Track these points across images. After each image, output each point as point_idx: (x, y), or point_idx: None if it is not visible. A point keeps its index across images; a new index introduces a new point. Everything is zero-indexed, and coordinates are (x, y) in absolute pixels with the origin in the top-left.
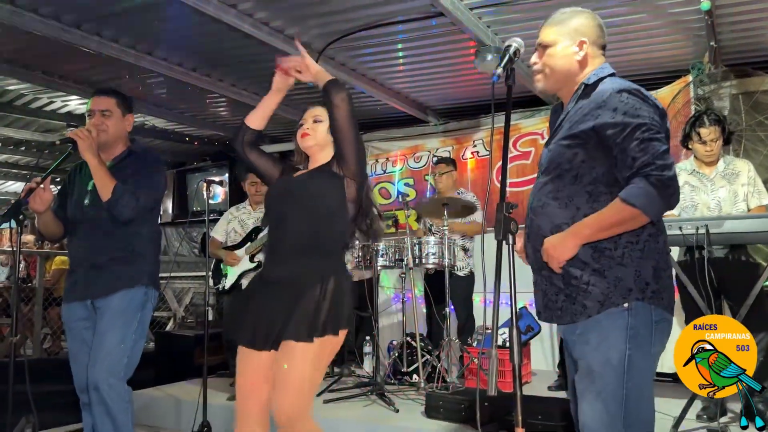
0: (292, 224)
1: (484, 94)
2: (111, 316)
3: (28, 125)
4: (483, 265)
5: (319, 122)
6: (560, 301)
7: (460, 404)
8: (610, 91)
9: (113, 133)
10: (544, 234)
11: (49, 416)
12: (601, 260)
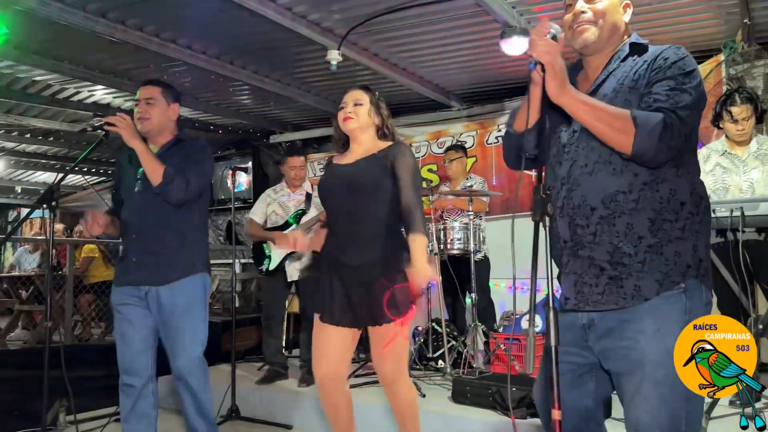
0: (361, 213)
1: (508, 77)
2: (181, 315)
3: (55, 115)
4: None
5: (359, 105)
6: (602, 284)
7: (488, 389)
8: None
9: (157, 122)
10: (591, 205)
11: (81, 401)
12: (659, 234)
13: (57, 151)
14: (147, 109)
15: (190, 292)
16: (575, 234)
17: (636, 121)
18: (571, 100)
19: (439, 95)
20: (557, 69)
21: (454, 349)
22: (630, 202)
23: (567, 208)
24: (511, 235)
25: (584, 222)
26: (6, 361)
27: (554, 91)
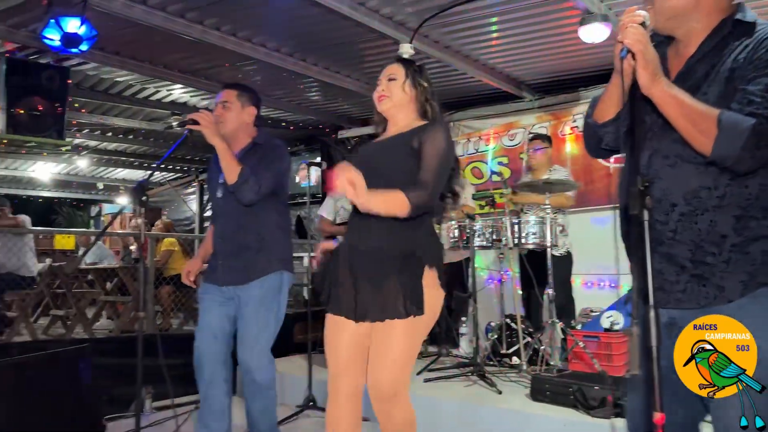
0: None
1: (584, 66)
2: (253, 306)
3: (135, 114)
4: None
5: (393, 80)
6: (683, 281)
7: (569, 387)
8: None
9: (231, 126)
10: (672, 201)
11: (163, 388)
12: (744, 232)
13: (136, 148)
14: (223, 112)
15: (266, 288)
16: (653, 229)
17: (720, 125)
18: (661, 94)
19: (510, 86)
20: (649, 59)
21: (530, 346)
22: (714, 198)
23: None
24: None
25: (664, 218)
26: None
27: (646, 82)
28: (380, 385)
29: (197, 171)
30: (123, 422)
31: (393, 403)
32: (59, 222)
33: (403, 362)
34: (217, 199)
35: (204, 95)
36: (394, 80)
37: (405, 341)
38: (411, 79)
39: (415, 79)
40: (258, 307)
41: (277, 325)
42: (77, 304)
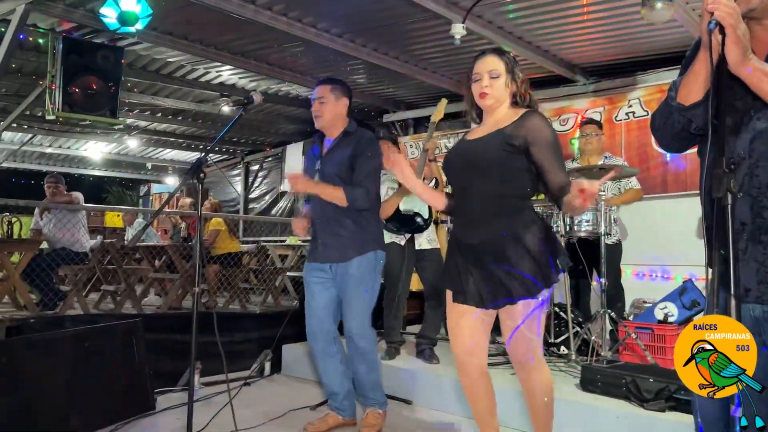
0: (477, 190)
1: (642, 48)
2: (354, 283)
3: (184, 96)
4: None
5: (496, 78)
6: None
7: (621, 378)
8: None
9: (329, 118)
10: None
11: (210, 364)
12: None
13: (185, 129)
14: (319, 107)
15: (364, 266)
16: (759, 216)
17: None
18: (753, 72)
19: (563, 69)
20: (740, 34)
21: (579, 336)
22: None
23: (749, 186)
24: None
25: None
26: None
27: (735, 59)
28: (519, 357)
29: (243, 153)
30: (171, 396)
31: (531, 369)
32: (109, 200)
33: (533, 332)
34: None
35: (253, 77)
36: (497, 77)
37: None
38: (511, 75)
39: (514, 74)
40: (358, 283)
41: (374, 297)
42: (127, 280)
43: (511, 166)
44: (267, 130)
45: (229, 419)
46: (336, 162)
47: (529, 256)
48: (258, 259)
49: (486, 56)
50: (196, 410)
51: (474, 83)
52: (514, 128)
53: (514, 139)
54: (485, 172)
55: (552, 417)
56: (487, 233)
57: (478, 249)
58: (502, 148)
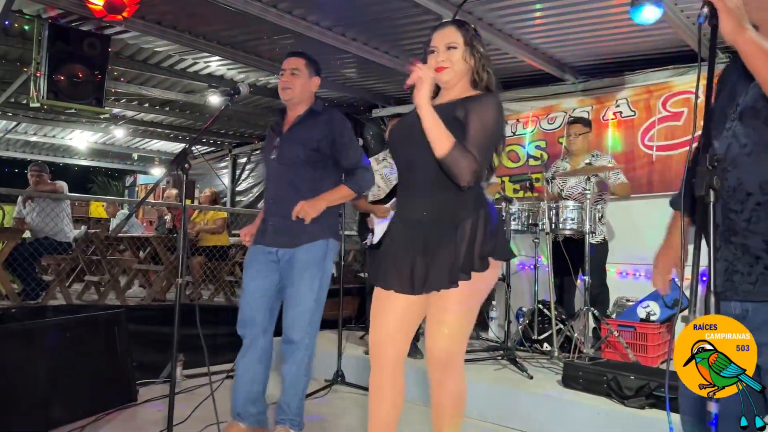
0: (422, 164)
1: (630, 49)
2: (299, 270)
3: (172, 86)
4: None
5: (453, 48)
6: (755, 273)
7: (603, 375)
8: None
9: (299, 92)
10: (747, 190)
11: (193, 357)
12: None
13: (172, 120)
14: (291, 79)
15: (313, 253)
16: (727, 218)
17: None
18: (749, 43)
19: (553, 68)
20: (731, 5)
21: (562, 333)
22: None
23: (721, 190)
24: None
25: (738, 207)
26: (126, 316)
27: (730, 29)
28: (437, 353)
29: (231, 145)
30: (154, 388)
31: (448, 372)
32: (94, 191)
33: (458, 330)
34: (271, 161)
35: (242, 68)
36: (454, 48)
37: (459, 309)
38: (470, 47)
39: (473, 47)
40: (303, 271)
41: (322, 290)
42: (111, 271)
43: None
44: (255, 123)
45: (211, 411)
46: (300, 141)
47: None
48: (245, 252)
49: (444, 28)
50: (178, 402)
51: (431, 55)
52: (462, 101)
53: (459, 111)
54: (425, 144)
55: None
56: (431, 207)
57: (422, 224)
58: (448, 120)
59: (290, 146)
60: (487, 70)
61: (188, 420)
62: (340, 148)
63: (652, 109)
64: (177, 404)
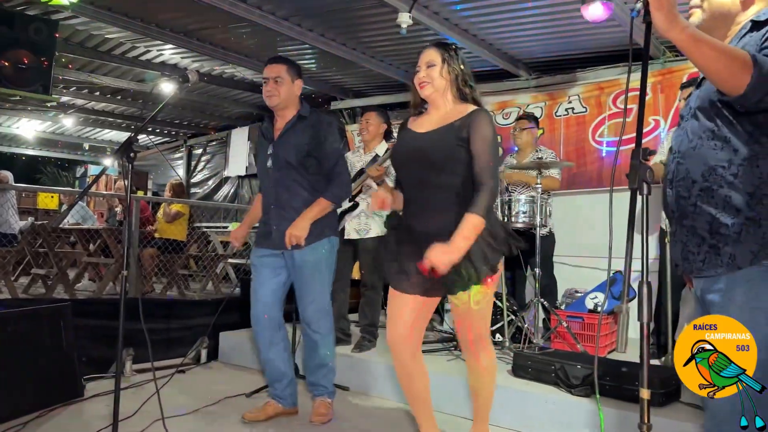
0: (433, 183)
1: (583, 45)
2: (309, 269)
3: (124, 74)
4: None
5: (432, 66)
6: (703, 252)
7: (551, 365)
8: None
9: (284, 98)
10: (693, 178)
11: (143, 352)
12: (757, 208)
13: (125, 109)
14: (275, 87)
15: (319, 252)
16: (679, 204)
17: (755, 59)
18: (683, 35)
19: (507, 64)
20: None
21: (513, 324)
22: (729, 176)
23: (675, 180)
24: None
25: (686, 194)
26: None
27: (662, 23)
28: (466, 336)
29: (186, 136)
30: (103, 383)
31: (478, 349)
32: (43, 182)
33: (479, 317)
34: (267, 168)
35: (196, 57)
36: (433, 66)
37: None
38: (447, 65)
39: (450, 64)
40: (314, 269)
41: (329, 284)
42: (59, 264)
43: (463, 159)
44: (211, 113)
45: (163, 406)
46: (291, 147)
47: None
48: (199, 245)
49: (426, 50)
50: (127, 397)
51: (415, 75)
52: (462, 123)
53: (462, 131)
54: (441, 165)
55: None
56: (443, 221)
57: (433, 236)
58: (456, 143)
59: (283, 152)
60: (469, 84)
61: (136, 415)
62: (322, 151)
63: (602, 106)
64: (126, 399)
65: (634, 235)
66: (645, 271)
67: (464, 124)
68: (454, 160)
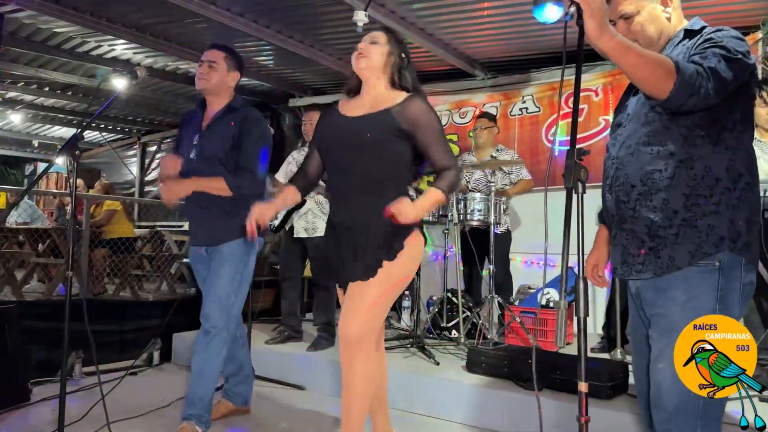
0: (357, 170)
1: (537, 46)
2: (221, 263)
3: (74, 69)
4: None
5: (375, 43)
6: (642, 255)
7: (503, 360)
8: (711, 29)
9: (214, 85)
10: (631, 183)
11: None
12: (693, 208)
13: (75, 106)
14: (207, 71)
15: (235, 249)
16: (619, 209)
17: (678, 66)
18: (612, 43)
19: (464, 63)
20: (595, 7)
21: (469, 320)
22: (665, 179)
23: (614, 185)
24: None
25: (626, 198)
26: (22, 312)
27: (593, 32)
28: (348, 330)
29: (139, 132)
30: (51, 387)
31: (357, 350)
32: None
33: (372, 309)
34: (190, 159)
35: (149, 52)
36: (375, 43)
37: (377, 290)
38: (389, 46)
39: (392, 47)
40: (224, 264)
41: (243, 284)
42: (5, 265)
43: (392, 148)
44: (166, 110)
45: (112, 410)
46: (217, 138)
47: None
48: (153, 244)
49: (373, 31)
50: (75, 401)
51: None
52: (399, 111)
53: (401, 122)
54: (366, 151)
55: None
56: (361, 213)
57: (353, 230)
58: (388, 131)
59: (209, 144)
60: (403, 72)
61: (83, 419)
62: (242, 145)
63: (555, 106)
64: (74, 403)
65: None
66: (582, 267)
67: (401, 114)
68: (381, 147)
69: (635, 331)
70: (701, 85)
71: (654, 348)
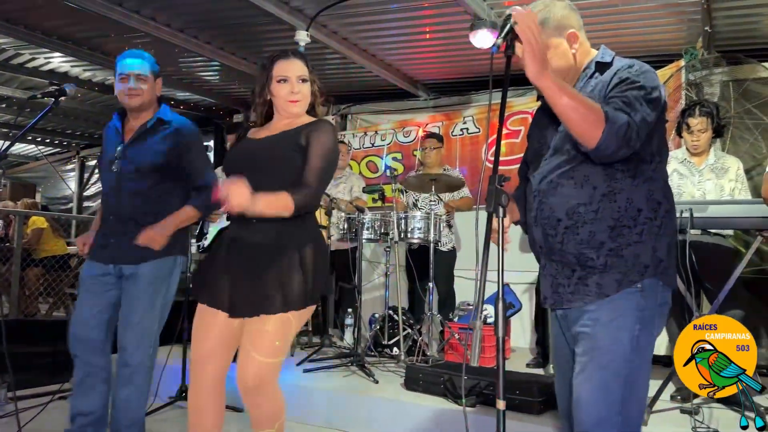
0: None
1: (476, 70)
2: (142, 287)
3: (8, 82)
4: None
5: (305, 82)
6: (572, 284)
7: (440, 377)
8: (623, 64)
9: (148, 99)
10: (557, 216)
11: (25, 377)
12: (618, 239)
13: (9, 118)
14: (138, 85)
15: (157, 269)
16: (547, 241)
17: (607, 116)
18: (550, 84)
19: (406, 84)
20: (537, 48)
21: (409, 337)
22: (590, 212)
23: (540, 218)
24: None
25: (553, 231)
26: None
27: (534, 72)
28: (245, 378)
29: (78, 146)
30: None
31: (259, 395)
32: None
33: (271, 356)
34: (112, 174)
35: (86, 66)
36: (305, 82)
37: (274, 336)
38: (314, 81)
39: (314, 81)
40: (147, 287)
41: (164, 308)
42: None
43: (294, 166)
44: (105, 123)
45: None
46: (147, 152)
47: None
48: None
49: (291, 58)
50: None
51: (280, 83)
52: (301, 130)
53: (300, 137)
54: (272, 171)
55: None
56: (266, 235)
57: (249, 251)
58: (290, 148)
59: (137, 157)
60: (321, 99)
61: None
62: (189, 163)
63: (494, 127)
64: None
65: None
66: (500, 288)
67: (304, 131)
68: (283, 166)
69: (558, 351)
70: (631, 137)
71: (577, 364)
